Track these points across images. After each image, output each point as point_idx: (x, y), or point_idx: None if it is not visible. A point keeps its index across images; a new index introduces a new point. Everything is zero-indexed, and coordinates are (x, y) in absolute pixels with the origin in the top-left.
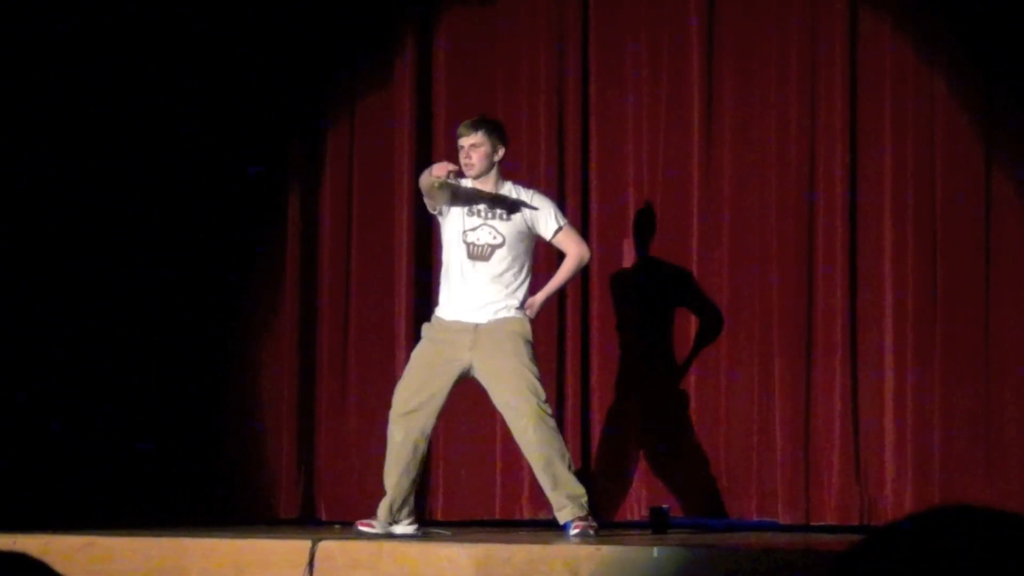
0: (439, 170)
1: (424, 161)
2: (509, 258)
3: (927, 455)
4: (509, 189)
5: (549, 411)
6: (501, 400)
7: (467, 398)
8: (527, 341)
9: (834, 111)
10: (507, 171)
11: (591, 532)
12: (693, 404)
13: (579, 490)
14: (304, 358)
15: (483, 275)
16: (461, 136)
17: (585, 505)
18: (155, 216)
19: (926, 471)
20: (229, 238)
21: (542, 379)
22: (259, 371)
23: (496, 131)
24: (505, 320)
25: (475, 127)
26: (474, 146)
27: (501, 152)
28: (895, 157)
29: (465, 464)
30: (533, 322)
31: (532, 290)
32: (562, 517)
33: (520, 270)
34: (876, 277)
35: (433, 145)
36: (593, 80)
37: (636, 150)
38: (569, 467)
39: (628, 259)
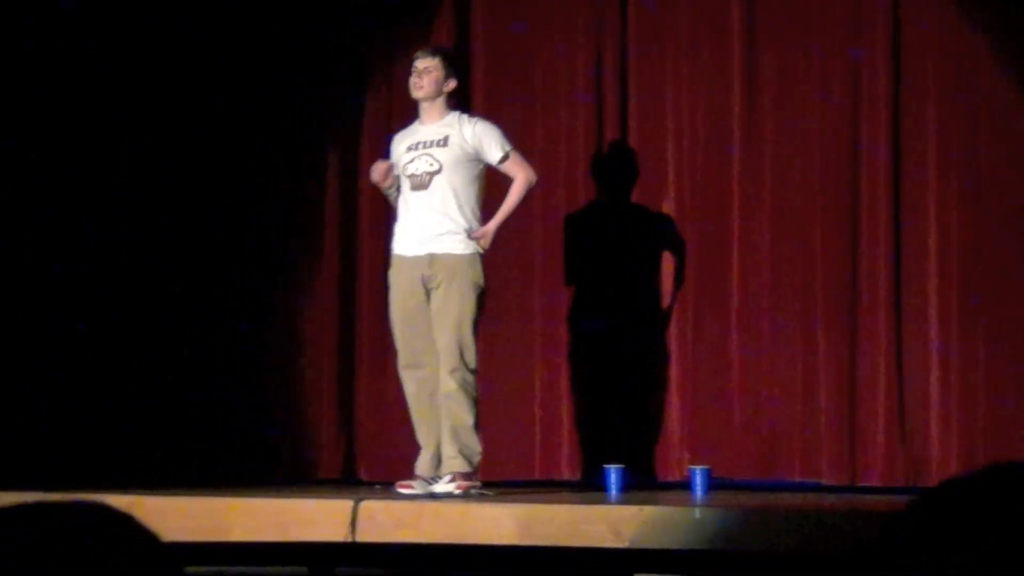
0: (377, 178)
1: None
2: (449, 184)
3: (972, 416)
4: (453, 118)
5: (470, 368)
6: (436, 343)
7: (505, 358)
8: (476, 286)
9: (877, 72)
10: (547, 138)
11: (471, 492)
12: (736, 365)
13: (474, 449)
14: (344, 321)
15: (424, 203)
16: (417, 59)
17: (475, 465)
18: (199, 177)
19: (971, 432)
20: (270, 197)
21: (477, 330)
22: (300, 334)
23: (452, 63)
24: (458, 257)
25: (433, 53)
26: (427, 70)
27: (452, 84)
28: (939, 117)
29: (503, 424)
30: (487, 255)
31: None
32: (445, 468)
33: (464, 197)
34: (920, 239)
35: (471, 104)
36: (631, 43)
37: (676, 113)
38: (474, 427)
39: (669, 223)
